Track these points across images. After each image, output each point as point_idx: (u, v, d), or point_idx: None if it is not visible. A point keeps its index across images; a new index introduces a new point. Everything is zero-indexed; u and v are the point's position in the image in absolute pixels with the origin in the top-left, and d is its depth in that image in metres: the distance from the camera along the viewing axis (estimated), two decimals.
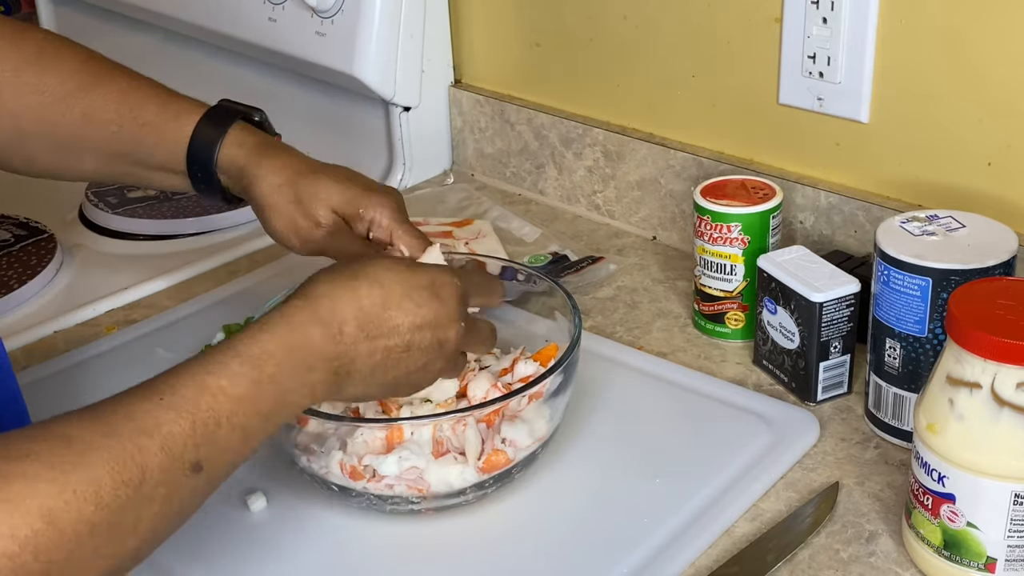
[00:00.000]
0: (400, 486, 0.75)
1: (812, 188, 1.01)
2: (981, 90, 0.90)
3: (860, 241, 0.98)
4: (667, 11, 1.07)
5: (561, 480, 0.81)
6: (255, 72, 1.38)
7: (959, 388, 0.67)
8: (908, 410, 0.82)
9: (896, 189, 0.97)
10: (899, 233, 0.81)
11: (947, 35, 0.90)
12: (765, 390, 0.90)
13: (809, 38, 0.97)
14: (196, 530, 0.78)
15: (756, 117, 1.04)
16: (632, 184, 1.15)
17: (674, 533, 0.75)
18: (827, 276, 0.86)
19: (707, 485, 0.79)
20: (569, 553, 0.75)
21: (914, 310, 0.79)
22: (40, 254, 1.12)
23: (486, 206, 1.20)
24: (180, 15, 1.39)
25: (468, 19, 1.26)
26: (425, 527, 0.78)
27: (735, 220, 0.93)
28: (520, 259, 1.09)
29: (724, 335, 0.97)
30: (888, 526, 0.76)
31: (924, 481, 0.70)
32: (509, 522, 0.78)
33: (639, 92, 1.13)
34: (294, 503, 0.80)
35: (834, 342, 0.86)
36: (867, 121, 0.97)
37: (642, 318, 1.01)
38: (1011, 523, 0.67)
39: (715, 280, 0.95)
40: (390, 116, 1.25)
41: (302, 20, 1.21)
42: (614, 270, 1.08)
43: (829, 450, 0.84)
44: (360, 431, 0.75)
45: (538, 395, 0.77)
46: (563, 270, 1.07)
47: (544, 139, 1.21)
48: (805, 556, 0.74)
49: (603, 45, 1.14)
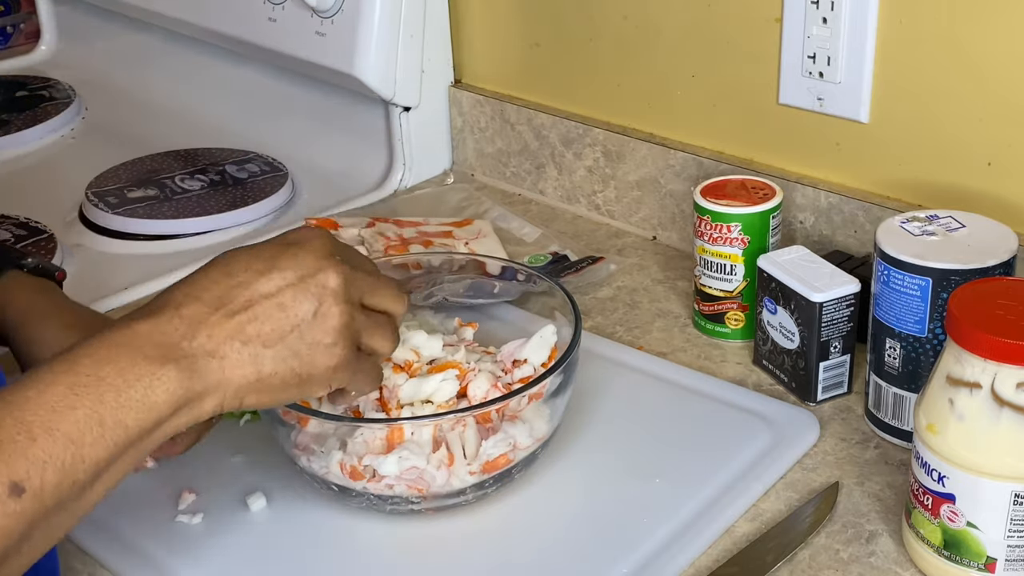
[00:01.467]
0: (400, 486, 0.75)
1: (812, 188, 1.01)
2: (981, 90, 0.90)
3: (860, 241, 0.98)
4: (667, 11, 1.07)
5: (561, 480, 0.81)
6: (255, 72, 1.39)
7: (959, 388, 0.67)
8: (908, 410, 0.82)
9: (896, 189, 0.98)
10: (899, 233, 0.81)
11: (947, 35, 0.90)
12: (765, 390, 0.90)
13: (809, 38, 0.97)
14: (196, 530, 0.78)
15: (756, 117, 1.04)
16: (632, 184, 1.15)
17: (674, 533, 0.75)
18: (827, 276, 0.87)
19: (707, 485, 0.79)
20: (569, 553, 0.75)
21: (914, 310, 0.79)
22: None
23: (486, 206, 1.20)
24: (180, 15, 1.39)
25: (468, 19, 1.26)
26: (425, 527, 0.78)
27: (735, 220, 0.93)
28: (520, 259, 1.09)
29: (724, 335, 0.97)
30: (888, 526, 0.76)
31: (924, 481, 0.70)
32: (509, 522, 0.78)
33: (639, 92, 1.13)
34: (294, 503, 0.80)
35: (834, 342, 0.86)
36: (867, 121, 0.97)
37: (642, 318, 1.01)
38: (1011, 523, 0.67)
39: (715, 280, 0.95)
40: (390, 116, 1.25)
41: (302, 20, 1.22)
42: (614, 270, 1.08)
43: (829, 450, 0.84)
44: (360, 431, 0.75)
45: (538, 395, 0.77)
46: (563, 270, 1.07)
47: (544, 139, 1.21)
48: (805, 556, 0.74)
49: (603, 45, 1.14)
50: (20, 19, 1.80)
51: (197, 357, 0.60)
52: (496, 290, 0.95)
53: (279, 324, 0.63)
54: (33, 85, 1.58)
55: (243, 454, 0.84)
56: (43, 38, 1.71)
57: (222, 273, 0.63)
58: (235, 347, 0.61)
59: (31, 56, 1.70)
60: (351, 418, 0.78)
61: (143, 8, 1.45)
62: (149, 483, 0.81)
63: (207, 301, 0.61)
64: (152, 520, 0.78)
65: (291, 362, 0.63)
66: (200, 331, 0.60)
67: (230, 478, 0.82)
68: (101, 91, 1.56)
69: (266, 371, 0.63)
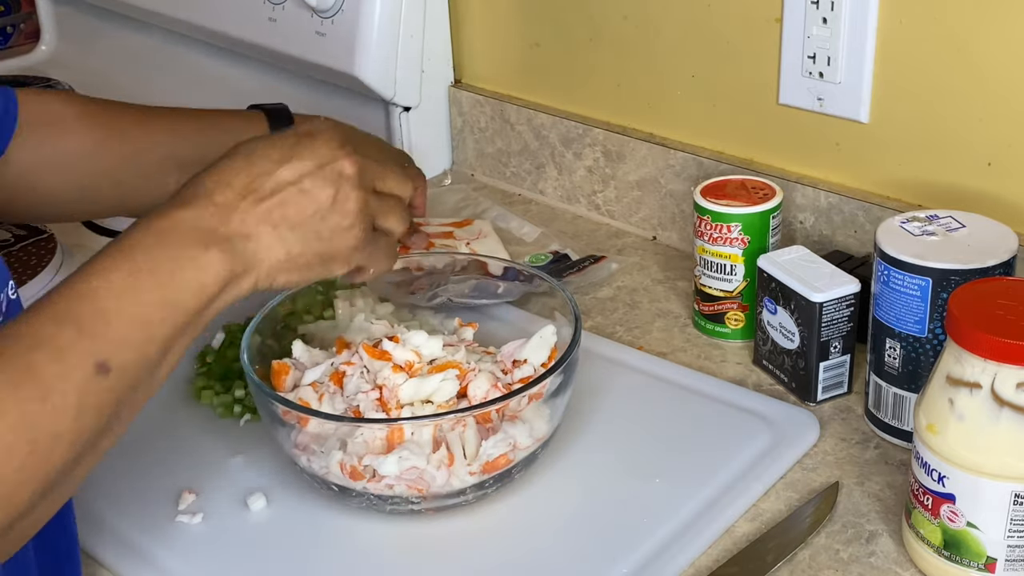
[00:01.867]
0: (400, 486, 0.75)
1: (812, 188, 1.01)
2: (981, 90, 0.90)
3: (860, 241, 0.98)
4: (667, 11, 1.07)
5: (561, 480, 0.81)
6: (255, 72, 1.38)
7: (959, 388, 0.67)
8: (908, 410, 0.82)
9: (896, 189, 0.98)
10: (899, 233, 0.81)
11: (947, 35, 0.90)
12: (765, 390, 0.90)
13: (809, 38, 0.97)
14: (196, 530, 0.78)
15: (756, 117, 1.04)
16: (632, 184, 1.15)
17: (674, 533, 0.75)
18: (827, 276, 0.87)
19: (707, 485, 0.79)
20: (569, 553, 0.75)
21: (914, 310, 0.79)
22: (40, 254, 1.12)
23: (484, 206, 1.20)
24: (180, 15, 1.39)
25: (468, 19, 1.26)
26: (425, 527, 0.78)
27: (735, 220, 0.93)
28: (521, 259, 1.09)
29: (724, 335, 0.97)
30: (888, 526, 0.76)
31: (924, 481, 0.70)
32: (509, 522, 0.78)
33: (639, 92, 1.13)
34: (294, 503, 0.80)
35: (834, 342, 0.86)
36: (867, 121, 0.97)
37: (642, 318, 1.01)
38: (1011, 523, 0.67)
39: (715, 280, 0.95)
40: (390, 116, 1.25)
41: (302, 20, 1.22)
42: (616, 269, 1.08)
43: (829, 450, 0.84)
44: (360, 431, 0.75)
45: (538, 395, 0.77)
46: (565, 270, 1.07)
47: (544, 139, 1.21)
48: (805, 556, 0.74)
49: (603, 45, 1.14)
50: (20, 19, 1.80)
51: (234, 240, 0.66)
52: (500, 290, 0.95)
53: (302, 208, 0.68)
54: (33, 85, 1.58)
55: (243, 454, 0.84)
56: (43, 38, 1.71)
57: (245, 162, 0.68)
58: (266, 230, 0.67)
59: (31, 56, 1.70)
60: (351, 418, 0.78)
61: (143, 8, 1.45)
62: (149, 483, 0.81)
63: (236, 188, 0.67)
64: (152, 520, 0.78)
65: (314, 244, 0.69)
66: (233, 216, 0.66)
67: (230, 478, 0.82)
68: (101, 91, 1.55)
69: (294, 251, 0.68)
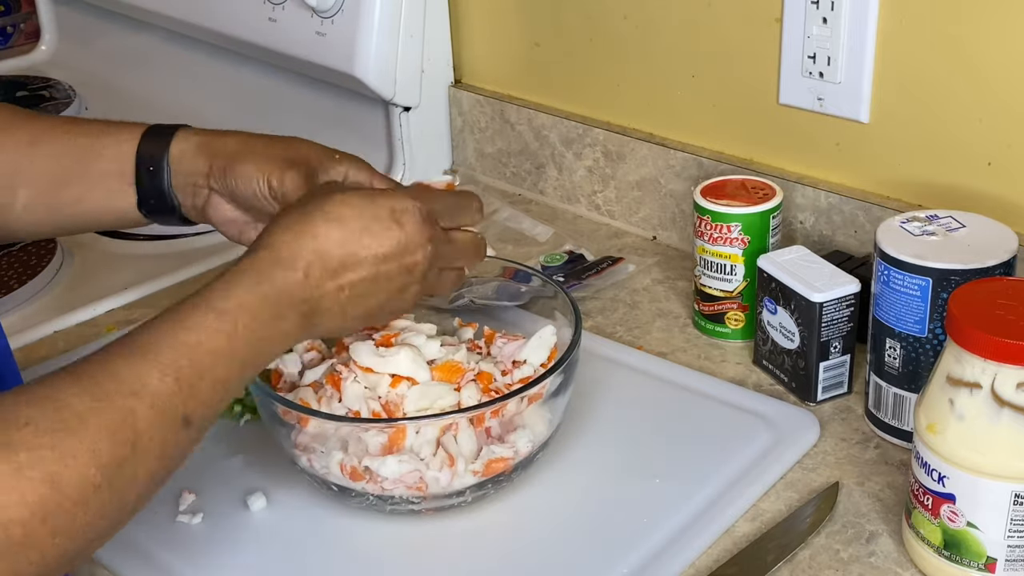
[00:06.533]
0: (400, 487, 0.75)
1: (812, 188, 1.01)
2: (981, 90, 0.90)
3: (860, 241, 0.98)
4: (667, 11, 1.07)
5: (561, 480, 0.81)
6: (255, 72, 1.38)
7: (959, 388, 0.67)
8: (908, 410, 0.82)
9: (896, 189, 0.98)
10: (899, 233, 0.81)
11: (947, 35, 0.90)
12: (765, 390, 0.90)
13: (809, 38, 0.97)
14: (196, 530, 0.78)
15: (756, 117, 1.04)
16: (632, 184, 1.15)
17: (674, 533, 0.75)
18: (827, 276, 0.87)
19: (707, 485, 0.79)
20: (569, 553, 0.75)
21: (914, 310, 0.79)
22: (40, 254, 1.12)
23: (495, 207, 1.20)
24: (180, 15, 1.39)
25: (468, 19, 1.26)
26: (425, 527, 0.78)
27: (735, 220, 0.93)
28: (534, 259, 1.09)
29: (724, 335, 0.97)
30: (888, 526, 0.76)
31: (924, 481, 0.70)
32: (509, 522, 0.78)
33: (639, 92, 1.13)
34: (294, 503, 0.80)
35: (834, 342, 0.86)
36: (867, 121, 0.97)
37: (642, 318, 1.01)
38: (1011, 523, 0.67)
39: (715, 280, 0.95)
40: (390, 116, 1.25)
41: (302, 20, 1.21)
42: (633, 270, 1.08)
43: (829, 450, 0.84)
44: (361, 432, 0.75)
45: (538, 396, 0.77)
46: (583, 271, 1.07)
47: (544, 139, 1.21)
48: (805, 556, 0.74)
49: (603, 45, 1.14)
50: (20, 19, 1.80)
51: (313, 316, 0.69)
52: (523, 290, 0.94)
53: (373, 299, 0.72)
54: (33, 85, 1.58)
55: (243, 454, 0.84)
56: (43, 38, 1.71)
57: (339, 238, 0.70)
58: (337, 311, 0.70)
59: (31, 56, 1.70)
60: (351, 419, 0.77)
61: (143, 8, 1.45)
62: None
63: (329, 267, 0.69)
64: (152, 520, 0.78)
65: (368, 320, 0.74)
66: (322, 299, 0.69)
67: (230, 478, 0.82)
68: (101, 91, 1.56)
69: (348, 327, 0.73)
